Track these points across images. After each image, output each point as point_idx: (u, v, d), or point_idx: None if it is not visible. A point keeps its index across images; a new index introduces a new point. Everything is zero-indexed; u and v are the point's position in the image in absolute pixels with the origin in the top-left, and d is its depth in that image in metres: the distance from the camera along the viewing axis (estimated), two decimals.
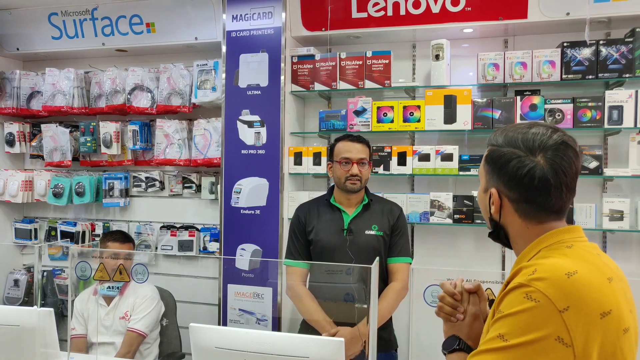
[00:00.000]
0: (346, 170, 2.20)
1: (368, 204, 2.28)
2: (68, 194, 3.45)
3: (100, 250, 2.43)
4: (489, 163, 1.12)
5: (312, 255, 2.28)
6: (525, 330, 0.93)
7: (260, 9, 2.89)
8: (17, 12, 3.42)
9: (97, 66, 3.47)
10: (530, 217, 1.08)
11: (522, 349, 0.92)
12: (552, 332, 0.91)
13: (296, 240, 2.31)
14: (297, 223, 2.33)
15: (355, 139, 2.27)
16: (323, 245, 2.24)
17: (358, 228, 2.23)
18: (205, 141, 3.18)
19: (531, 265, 1.01)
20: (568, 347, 0.91)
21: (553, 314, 0.92)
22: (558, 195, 1.04)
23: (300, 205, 2.42)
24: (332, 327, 2.11)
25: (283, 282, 2.82)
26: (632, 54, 2.50)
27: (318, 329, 2.14)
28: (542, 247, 1.06)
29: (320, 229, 2.26)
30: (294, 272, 2.29)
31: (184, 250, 3.31)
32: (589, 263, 1.01)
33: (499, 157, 1.09)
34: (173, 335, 2.82)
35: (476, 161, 2.69)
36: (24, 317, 1.77)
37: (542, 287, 0.94)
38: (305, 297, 2.23)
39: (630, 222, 2.51)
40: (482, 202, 1.17)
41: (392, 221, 2.27)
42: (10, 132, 3.57)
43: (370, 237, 2.22)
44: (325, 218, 2.27)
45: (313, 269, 2.29)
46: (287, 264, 2.32)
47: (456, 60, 2.89)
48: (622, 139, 2.64)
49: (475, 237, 2.93)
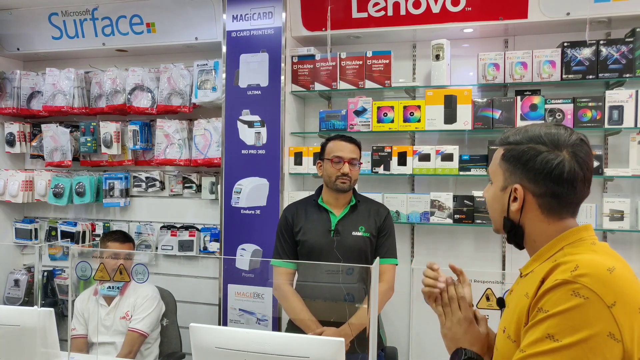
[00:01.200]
0: (337, 168, 2.21)
1: (355, 205, 2.29)
2: (68, 194, 3.45)
3: (100, 250, 2.43)
4: (509, 161, 1.12)
5: (299, 255, 2.29)
6: (577, 328, 0.91)
7: (260, 9, 2.89)
8: (18, 12, 3.42)
9: (97, 66, 3.47)
10: (553, 212, 1.09)
11: (577, 348, 0.91)
12: (603, 329, 0.91)
13: (283, 241, 2.32)
14: (284, 223, 2.33)
15: (348, 139, 2.28)
16: (310, 246, 2.24)
17: (345, 229, 2.23)
18: (205, 141, 3.19)
19: (569, 262, 0.99)
20: (618, 342, 0.90)
21: (603, 309, 0.91)
22: (582, 188, 1.08)
23: (288, 205, 2.43)
24: (317, 327, 2.12)
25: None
26: (633, 54, 2.50)
27: (303, 329, 2.15)
28: (565, 244, 1.07)
29: (307, 230, 2.26)
30: (281, 272, 2.30)
31: (184, 250, 3.31)
32: (617, 260, 1.02)
33: (522, 153, 1.10)
34: (173, 335, 2.82)
35: (476, 161, 2.69)
36: (24, 317, 1.77)
37: (588, 283, 0.93)
38: (291, 296, 2.24)
39: (630, 222, 2.51)
40: (499, 202, 1.15)
41: (378, 222, 2.27)
42: (11, 132, 3.57)
43: (357, 238, 2.22)
44: (312, 219, 2.28)
45: (304, 268, 2.29)
46: (274, 264, 2.33)
47: (456, 60, 2.89)
48: (623, 139, 2.64)
49: (476, 237, 2.93)
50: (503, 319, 1.15)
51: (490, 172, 1.19)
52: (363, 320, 2.13)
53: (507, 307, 1.15)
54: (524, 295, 1.05)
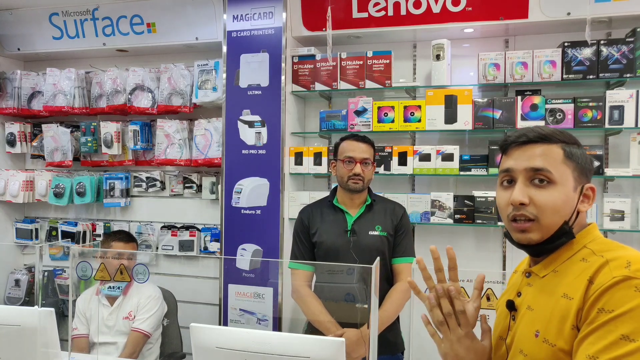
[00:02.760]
0: (349, 169, 2.20)
1: (371, 205, 2.27)
2: (69, 194, 3.45)
3: (101, 250, 2.44)
4: (572, 159, 1.08)
5: (317, 257, 2.27)
6: None
7: (260, 9, 2.89)
8: (18, 13, 3.42)
9: (97, 66, 3.48)
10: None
11: None
12: None
13: (300, 243, 2.30)
14: (300, 226, 2.32)
15: (361, 138, 2.25)
16: (327, 247, 2.23)
17: (361, 229, 2.22)
18: (205, 141, 3.19)
19: (616, 258, 0.97)
20: None
21: None
22: None
23: (304, 207, 2.40)
24: (337, 329, 2.09)
25: (284, 282, 2.82)
26: (633, 54, 2.50)
27: (323, 331, 2.12)
28: (587, 242, 1.07)
29: (323, 231, 2.25)
30: (299, 275, 2.28)
31: (184, 250, 3.31)
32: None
33: (580, 152, 1.10)
34: (174, 335, 2.82)
35: (477, 161, 2.69)
36: (25, 317, 1.77)
37: None
38: (310, 298, 2.21)
39: (631, 222, 2.51)
40: (570, 204, 1.06)
41: (395, 221, 2.26)
42: (11, 132, 3.57)
43: (374, 237, 2.21)
44: (328, 220, 2.26)
45: (319, 270, 2.28)
46: (292, 267, 2.31)
47: (457, 60, 2.89)
48: (623, 139, 2.64)
49: (476, 237, 2.93)
50: (529, 322, 1.08)
51: (554, 171, 1.06)
52: (383, 321, 2.13)
53: (533, 311, 1.08)
54: (560, 296, 1.01)
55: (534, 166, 1.06)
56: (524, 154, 1.09)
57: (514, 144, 1.11)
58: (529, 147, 1.09)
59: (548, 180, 1.06)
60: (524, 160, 1.08)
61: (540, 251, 1.10)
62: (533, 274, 1.13)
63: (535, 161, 1.07)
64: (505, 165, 1.12)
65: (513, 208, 1.08)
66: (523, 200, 1.06)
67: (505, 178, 1.12)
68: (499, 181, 1.16)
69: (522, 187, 1.07)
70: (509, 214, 1.09)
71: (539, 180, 1.06)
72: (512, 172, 1.10)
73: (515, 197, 1.06)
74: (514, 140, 1.11)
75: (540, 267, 1.11)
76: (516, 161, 1.09)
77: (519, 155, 1.10)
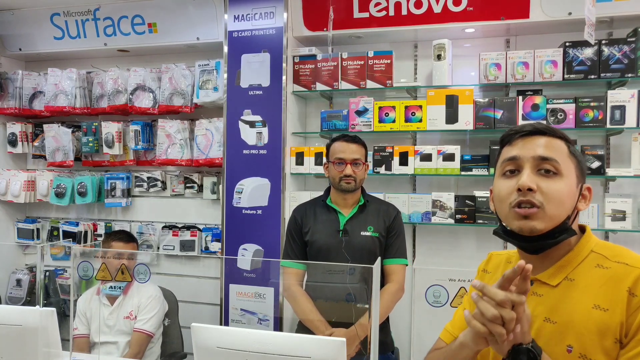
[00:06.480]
0: (340, 170, 2.20)
1: (364, 205, 2.28)
2: (70, 194, 3.45)
3: (102, 250, 2.44)
4: (577, 157, 1.08)
5: (308, 256, 2.28)
6: None
7: (261, 9, 2.89)
8: (20, 13, 3.43)
9: (99, 66, 3.48)
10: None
11: None
12: None
13: (292, 242, 2.31)
14: (293, 224, 2.33)
15: (351, 139, 2.26)
16: (319, 247, 2.23)
17: (353, 229, 2.22)
18: (207, 141, 3.19)
19: None
20: None
21: None
22: None
23: (297, 206, 2.42)
24: (326, 328, 2.11)
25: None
26: (635, 54, 2.49)
27: (313, 330, 2.14)
28: (592, 247, 1.08)
29: (316, 230, 2.25)
30: (290, 273, 2.30)
31: (185, 250, 3.31)
32: None
33: (580, 154, 1.10)
34: (175, 335, 2.83)
35: (478, 161, 2.69)
36: (26, 317, 1.78)
37: None
38: (301, 297, 2.22)
39: (632, 222, 2.51)
40: (572, 198, 1.05)
41: (388, 222, 2.26)
42: (13, 132, 3.58)
43: (366, 238, 2.21)
44: (321, 219, 2.27)
45: (311, 269, 2.29)
46: (284, 265, 2.33)
47: (458, 60, 2.89)
48: (625, 139, 2.64)
49: (477, 237, 2.93)
50: (554, 337, 1.01)
51: (560, 162, 1.04)
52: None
53: (556, 324, 1.02)
54: (590, 307, 0.99)
55: (542, 155, 1.04)
56: (531, 143, 1.07)
57: (518, 134, 1.09)
58: (535, 138, 1.07)
59: (555, 170, 1.04)
60: (530, 149, 1.06)
61: (539, 246, 1.05)
62: (539, 282, 1.07)
63: (543, 150, 1.05)
64: (510, 154, 1.08)
65: (519, 194, 1.03)
66: (532, 186, 1.02)
67: (509, 167, 1.08)
68: (499, 171, 1.11)
69: (530, 174, 1.04)
70: (513, 200, 1.04)
71: (545, 170, 1.04)
72: (518, 160, 1.06)
73: (524, 182, 1.02)
74: (519, 130, 1.10)
75: (548, 275, 1.07)
76: (522, 150, 1.07)
77: (525, 144, 1.07)
